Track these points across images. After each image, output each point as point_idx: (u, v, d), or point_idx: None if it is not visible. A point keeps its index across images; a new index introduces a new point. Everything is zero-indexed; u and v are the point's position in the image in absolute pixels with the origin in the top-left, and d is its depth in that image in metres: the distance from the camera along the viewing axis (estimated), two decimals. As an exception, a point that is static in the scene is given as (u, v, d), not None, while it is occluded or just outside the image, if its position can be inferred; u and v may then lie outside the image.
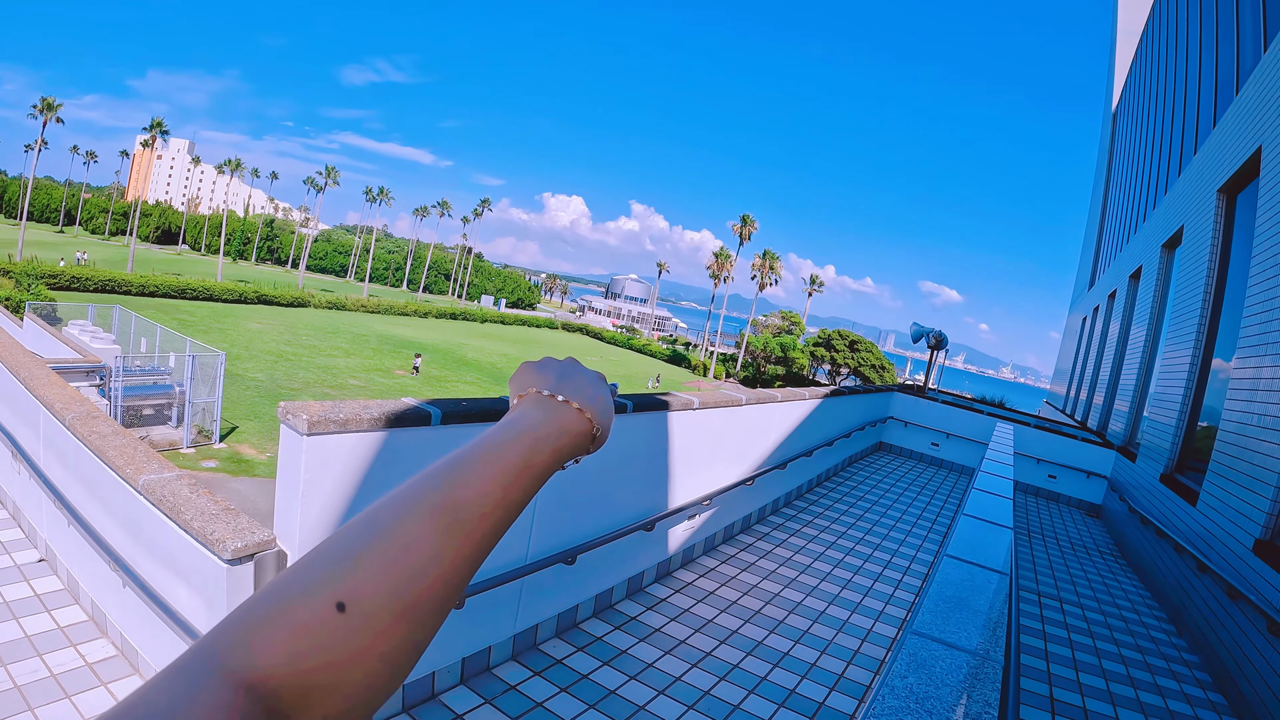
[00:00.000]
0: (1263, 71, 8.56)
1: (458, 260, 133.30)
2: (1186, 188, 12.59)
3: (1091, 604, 8.32)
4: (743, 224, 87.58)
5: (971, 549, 2.83)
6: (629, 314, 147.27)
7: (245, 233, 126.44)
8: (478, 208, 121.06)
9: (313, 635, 0.49)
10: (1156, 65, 19.40)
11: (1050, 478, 14.70)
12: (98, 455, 3.94)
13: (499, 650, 4.57)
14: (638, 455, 5.77)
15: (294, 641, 0.48)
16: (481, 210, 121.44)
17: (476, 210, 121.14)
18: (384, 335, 59.98)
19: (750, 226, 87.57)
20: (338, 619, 0.50)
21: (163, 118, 79.33)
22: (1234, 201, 9.83)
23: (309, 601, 0.50)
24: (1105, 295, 21.66)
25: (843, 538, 8.85)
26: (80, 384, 14.20)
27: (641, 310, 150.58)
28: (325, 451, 3.21)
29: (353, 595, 0.51)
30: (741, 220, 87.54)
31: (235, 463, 21.18)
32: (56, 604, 4.37)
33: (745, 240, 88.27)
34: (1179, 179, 13.65)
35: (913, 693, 1.50)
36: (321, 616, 0.50)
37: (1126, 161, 24.14)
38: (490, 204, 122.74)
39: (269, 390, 31.37)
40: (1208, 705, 6.01)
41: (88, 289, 51.89)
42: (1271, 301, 7.07)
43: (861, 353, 77.20)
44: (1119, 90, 30.22)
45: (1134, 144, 22.65)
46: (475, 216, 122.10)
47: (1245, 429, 7.09)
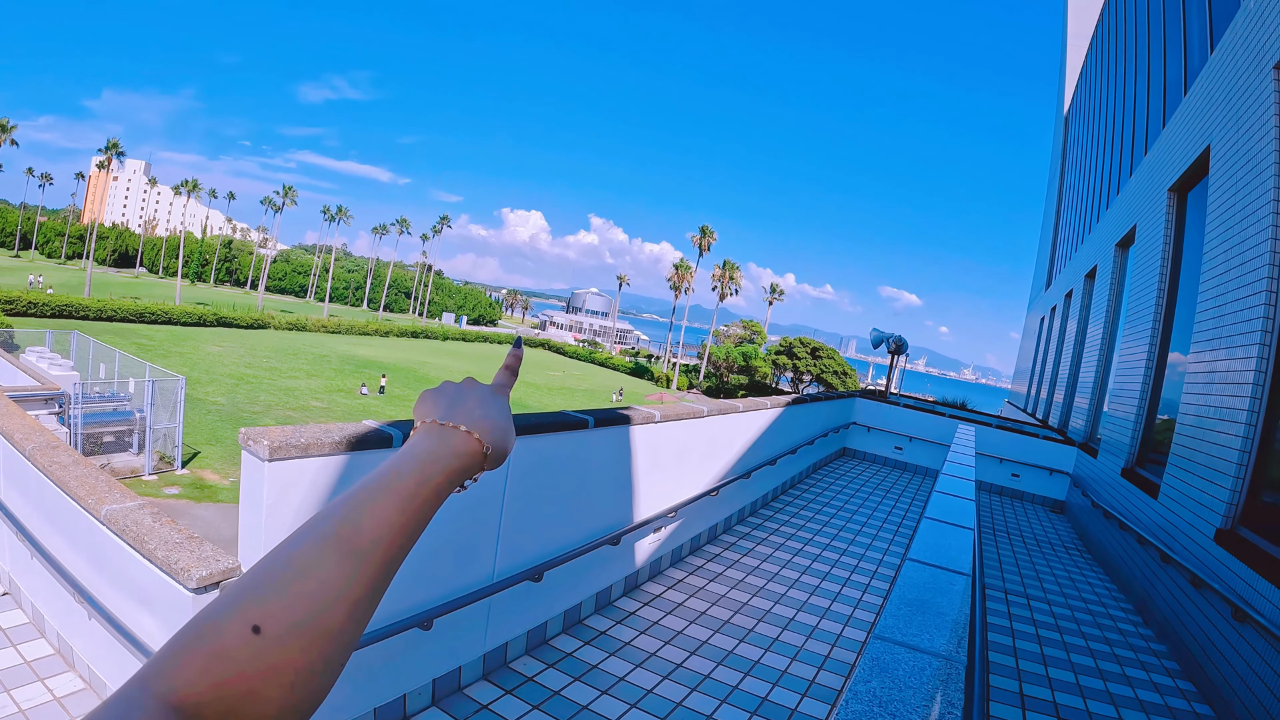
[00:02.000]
0: (1210, 72, 8.73)
1: (418, 278, 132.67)
2: (1138, 188, 12.80)
3: (1058, 599, 8.40)
4: (702, 235, 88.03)
5: (934, 551, 2.83)
6: (591, 328, 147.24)
7: (203, 254, 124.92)
8: (437, 225, 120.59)
9: (230, 657, 0.54)
10: (1106, 68, 19.74)
11: (1014, 476, 14.84)
12: (59, 486, 3.87)
13: (469, 670, 4.53)
14: (601, 470, 5.74)
15: (213, 663, 0.54)
16: (441, 227, 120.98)
17: (436, 227, 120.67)
18: (345, 356, 59.59)
19: (709, 237, 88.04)
20: (253, 641, 0.55)
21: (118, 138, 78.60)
22: (1185, 200, 10.01)
23: (227, 627, 0.55)
24: (1062, 295, 21.95)
25: (809, 544, 8.87)
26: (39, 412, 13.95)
27: (603, 324, 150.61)
28: (288, 477, 3.16)
29: (265, 619, 0.56)
30: (700, 231, 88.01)
31: (198, 489, 20.90)
32: (22, 638, 4.28)
33: (705, 251, 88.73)
34: (1131, 179, 13.88)
35: (875, 696, 1.49)
36: (238, 640, 0.55)
37: (1079, 164, 24.52)
38: (449, 221, 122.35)
39: (230, 414, 31.02)
40: (1177, 693, 6.08)
41: (45, 314, 51.22)
42: (1223, 296, 7.20)
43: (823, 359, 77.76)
44: (1070, 94, 30.73)
45: (1086, 146, 23.02)
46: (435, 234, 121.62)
47: (1203, 421, 7.21)
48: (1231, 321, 6.86)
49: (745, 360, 79.89)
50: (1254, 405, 6.14)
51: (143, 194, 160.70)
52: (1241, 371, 6.40)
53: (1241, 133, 7.25)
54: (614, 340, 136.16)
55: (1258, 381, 6.14)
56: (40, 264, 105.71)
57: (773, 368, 79.62)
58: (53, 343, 25.51)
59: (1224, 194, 7.64)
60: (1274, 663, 4.91)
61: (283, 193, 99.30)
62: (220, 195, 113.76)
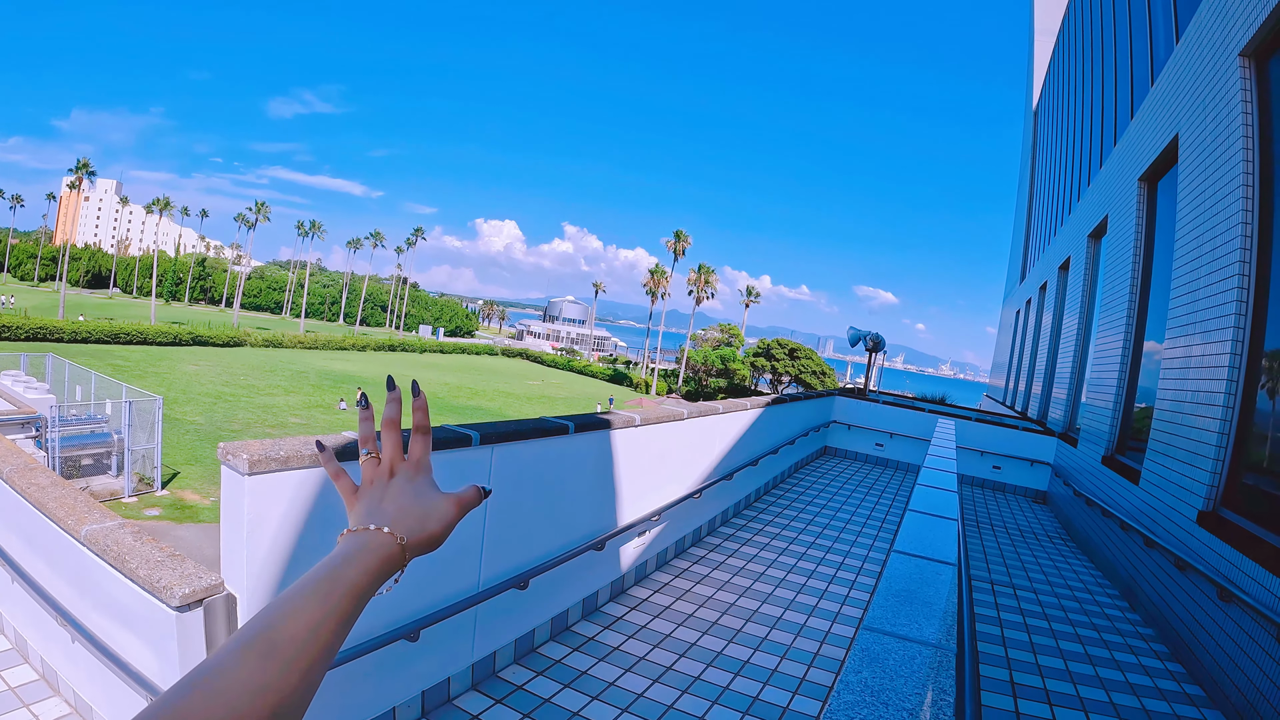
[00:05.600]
0: (1176, 61, 8.82)
1: (394, 291, 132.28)
2: (1109, 178, 12.92)
3: (1044, 588, 8.44)
4: (676, 239, 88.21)
5: (919, 543, 2.83)
6: (568, 336, 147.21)
7: (177, 273, 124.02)
8: (411, 237, 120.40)
9: None
10: (1074, 61, 19.93)
11: (995, 469, 14.93)
12: (38, 508, 3.81)
13: (458, 681, 4.49)
14: (584, 475, 5.72)
15: None
16: (415, 239, 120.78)
17: (410, 240, 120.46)
18: (323, 371, 59.29)
19: (684, 242, 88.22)
20: None
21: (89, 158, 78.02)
22: (1155, 189, 10.11)
23: None
24: (1037, 288, 22.11)
25: (794, 543, 8.88)
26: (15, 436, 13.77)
27: (580, 331, 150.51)
28: (268, 490, 3.12)
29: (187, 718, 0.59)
30: (675, 236, 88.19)
31: (179, 509, 20.69)
32: (5, 664, 4.21)
33: (680, 256, 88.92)
34: (1101, 170, 14.00)
35: (867, 686, 1.48)
36: None
37: (1049, 157, 24.73)
38: (424, 233, 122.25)
39: (209, 433, 30.77)
40: (1166, 675, 6.11)
41: (19, 338, 50.73)
42: (1197, 282, 7.26)
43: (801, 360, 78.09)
44: (1038, 87, 31.00)
45: (1056, 139, 23.22)
46: (409, 246, 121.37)
47: (1181, 406, 7.27)
48: (1206, 307, 6.92)
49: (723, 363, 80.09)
50: (1230, 389, 6.20)
51: (115, 214, 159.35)
52: (1217, 355, 6.46)
53: (1209, 120, 7.33)
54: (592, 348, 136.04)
55: (1233, 364, 6.19)
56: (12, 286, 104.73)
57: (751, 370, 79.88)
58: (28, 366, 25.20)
59: (1194, 181, 7.71)
60: (1261, 640, 4.94)
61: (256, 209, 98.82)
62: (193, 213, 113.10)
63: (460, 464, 4.15)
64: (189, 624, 2.96)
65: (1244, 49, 6.49)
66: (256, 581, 3.12)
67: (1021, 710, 5.21)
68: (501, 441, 4.45)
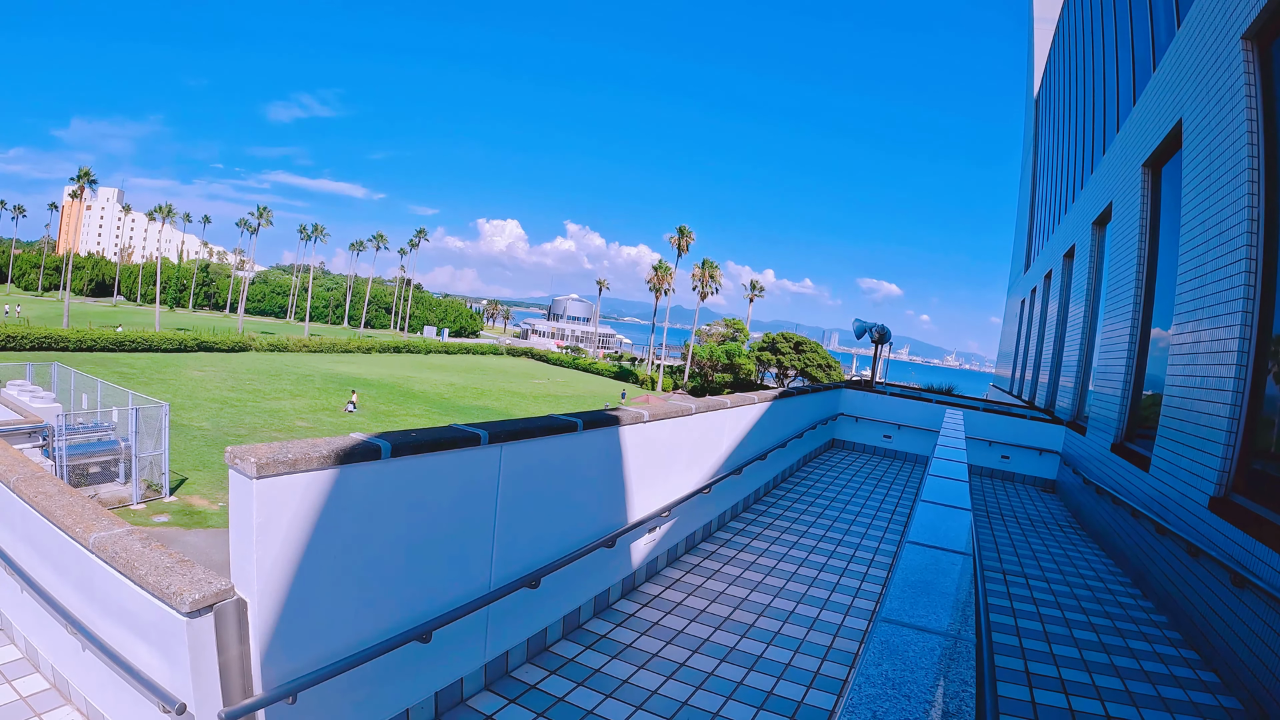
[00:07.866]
0: (1178, 46, 8.79)
1: (397, 293, 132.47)
2: (1112, 165, 12.87)
3: (1056, 577, 8.41)
4: (680, 235, 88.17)
5: (932, 533, 2.82)
6: (573, 334, 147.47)
7: (181, 279, 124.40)
8: (414, 238, 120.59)
9: None
10: (1075, 49, 19.86)
11: (1004, 458, 14.89)
12: (46, 516, 3.79)
13: (471, 681, 4.48)
14: (592, 472, 5.70)
15: None
16: (418, 241, 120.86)
17: (413, 241, 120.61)
18: (329, 374, 59.38)
19: (687, 238, 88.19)
20: None
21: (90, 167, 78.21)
22: (1159, 174, 10.06)
23: None
24: (1041, 276, 22.07)
25: (805, 536, 8.87)
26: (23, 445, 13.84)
27: (585, 329, 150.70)
28: (277, 493, 3.11)
29: None
30: (678, 232, 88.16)
31: (188, 515, 20.73)
32: (16, 674, 4.19)
33: (683, 252, 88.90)
34: (1104, 157, 13.95)
35: (888, 679, 1.47)
36: None
37: (1052, 145, 24.66)
38: (426, 234, 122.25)
39: (216, 438, 30.83)
40: (1181, 663, 6.08)
41: (24, 348, 50.84)
42: (1203, 267, 7.22)
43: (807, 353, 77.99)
44: (1039, 77, 30.92)
45: (1058, 128, 23.16)
46: (412, 248, 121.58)
47: (1190, 393, 7.23)
48: (1213, 292, 6.88)
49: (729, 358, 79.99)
50: (1240, 374, 6.16)
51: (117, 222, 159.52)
52: (1226, 340, 6.42)
53: (1213, 104, 7.29)
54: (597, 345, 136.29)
55: (1243, 349, 6.16)
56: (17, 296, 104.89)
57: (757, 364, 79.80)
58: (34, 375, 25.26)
59: (1198, 166, 7.67)
60: (1276, 625, 4.92)
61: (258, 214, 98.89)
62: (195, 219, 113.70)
63: (468, 463, 4.14)
64: (199, 629, 2.95)
65: (1246, 32, 6.45)
66: (267, 585, 3.11)
67: (1038, 700, 5.19)
68: (510, 440, 4.43)
